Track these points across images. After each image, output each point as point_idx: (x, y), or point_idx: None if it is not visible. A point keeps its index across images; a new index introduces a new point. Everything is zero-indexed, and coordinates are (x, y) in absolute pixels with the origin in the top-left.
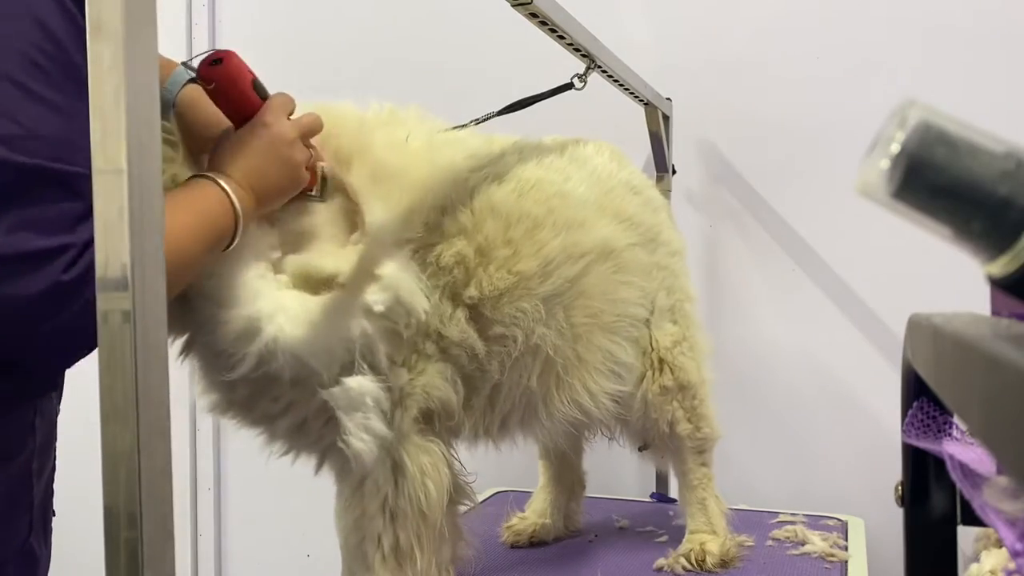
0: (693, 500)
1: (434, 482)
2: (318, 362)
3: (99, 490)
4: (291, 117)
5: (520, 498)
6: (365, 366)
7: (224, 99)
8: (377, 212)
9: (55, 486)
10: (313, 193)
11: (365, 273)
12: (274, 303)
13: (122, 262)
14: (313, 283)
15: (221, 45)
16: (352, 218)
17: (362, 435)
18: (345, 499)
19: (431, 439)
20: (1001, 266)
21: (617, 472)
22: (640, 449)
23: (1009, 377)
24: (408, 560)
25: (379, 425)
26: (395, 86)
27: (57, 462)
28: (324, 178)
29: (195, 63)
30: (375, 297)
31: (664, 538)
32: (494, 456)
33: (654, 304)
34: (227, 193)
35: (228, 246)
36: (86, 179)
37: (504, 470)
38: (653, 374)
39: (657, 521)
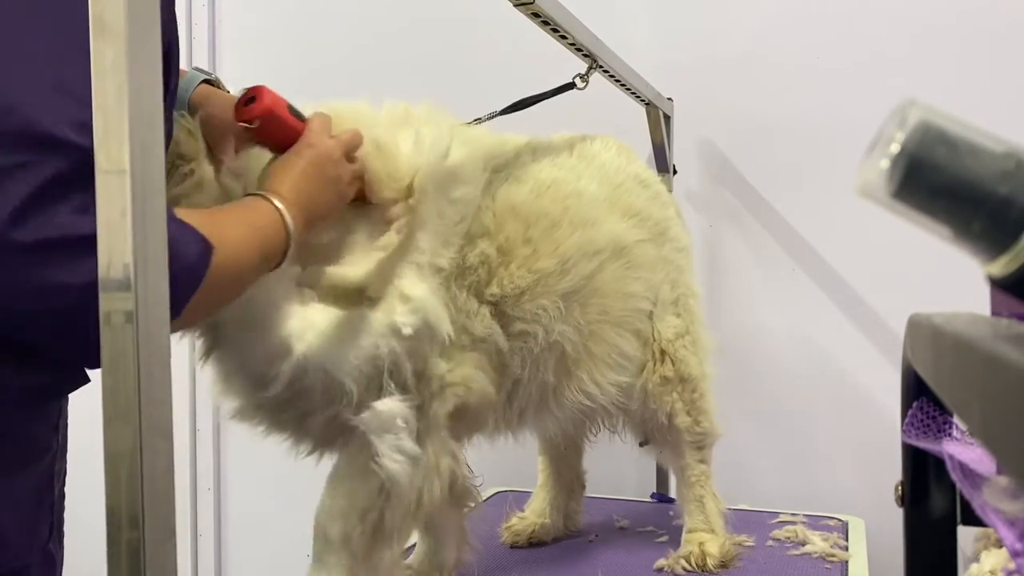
0: (691, 497)
1: (441, 482)
2: (347, 378)
3: (101, 490)
4: (331, 135)
5: (520, 498)
6: (392, 385)
7: (267, 134)
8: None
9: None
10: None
11: (394, 292)
12: (302, 321)
13: (124, 263)
14: (341, 294)
15: (221, 45)
16: (378, 222)
17: (395, 456)
18: (346, 461)
19: (455, 443)
20: (1001, 266)
21: (617, 472)
22: (641, 444)
23: (1009, 377)
24: (385, 543)
25: (411, 444)
26: (396, 86)
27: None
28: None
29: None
30: (404, 319)
31: (664, 538)
32: (494, 456)
33: (657, 296)
34: (279, 211)
35: (278, 264)
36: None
37: (504, 470)
38: (654, 364)
39: (657, 521)
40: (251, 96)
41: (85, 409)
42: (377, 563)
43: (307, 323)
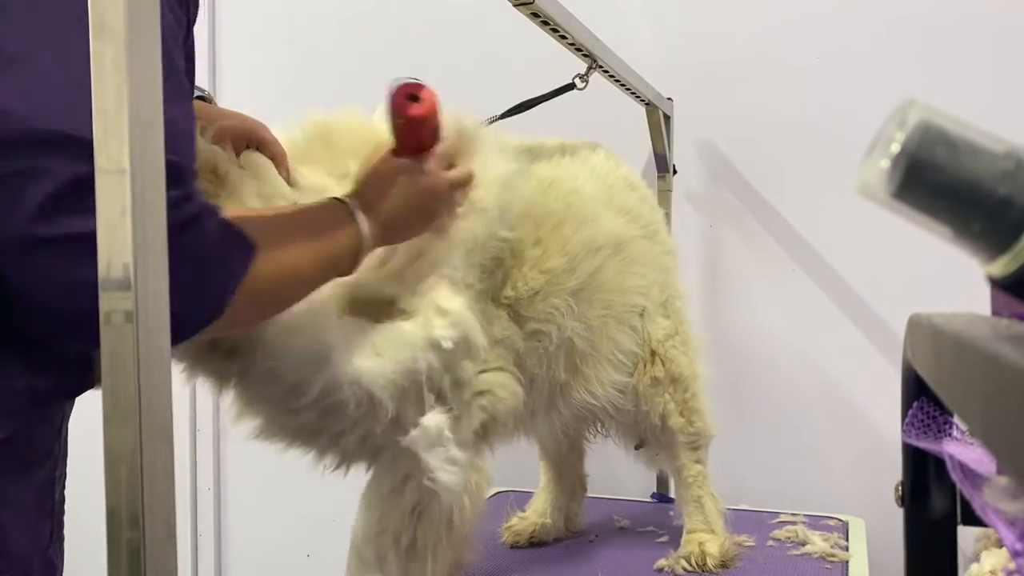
0: (689, 498)
1: (472, 500)
2: (384, 393)
3: (101, 490)
4: (454, 165)
5: (520, 498)
6: (433, 397)
7: (411, 135)
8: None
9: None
10: None
11: (430, 305)
12: (341, 333)
13: (124, 262)
14: (372, 306)
15: (221, 45)
16: None
17: (449, 467)
18: (384, 492)
19: (482, 458)
20: (1001, 266)
21: (617, 472)
22: (636, 447)
23: (1009, 377)
24: (419, 561)
25: (460, 453)
26: None
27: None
28: None
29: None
30: (444, 332)
31: (664, 538)
32: (494, 456)
33: (649, 295)
34: (356, 222)
35: (347, 272)
36: (188, 169)
37: (504, 470)
38: (645, 366)
39: (657, 521)
40: (413, 94)
41: (85, 409)
42: None
43: (345, 336)
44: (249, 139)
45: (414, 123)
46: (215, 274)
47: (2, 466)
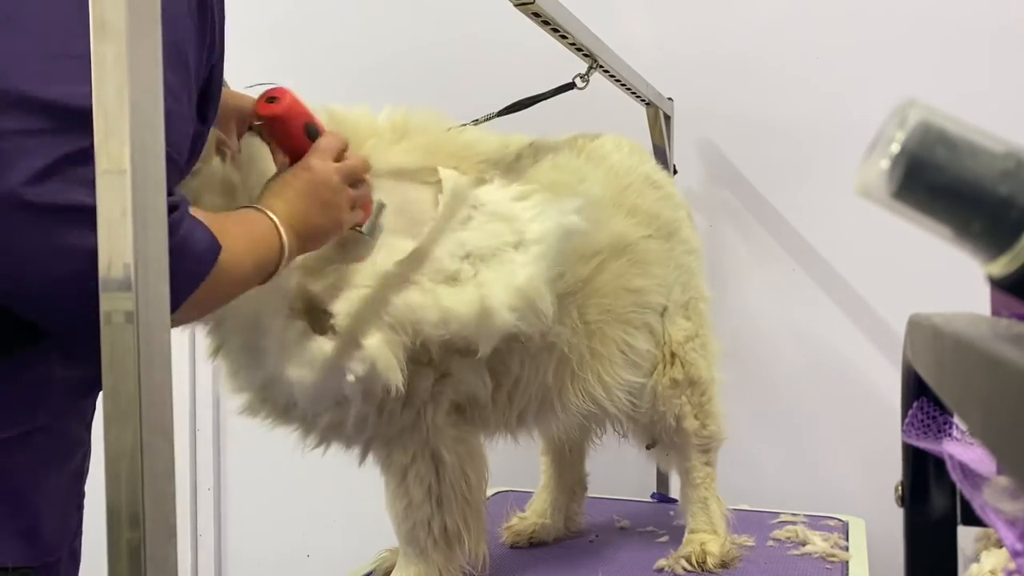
0: (695, 499)
1: (473, 469)
2: (305, 399)
3: (101, 490)
4: (341, 158)
5: (520, 498)
6: (352, 421)
7: (275, 136)
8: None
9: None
10: (362, 229)
11: (352, 334)
12: (278, 338)
13: (125, 263)
14: (315, 315)
15: None
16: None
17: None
18: (392, 490)
19: (466, 429)
20: (1001, 266)
21: (618, 472)
22: (648, 447)
23: (1009, 377)
24: (457, 542)
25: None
26: (396, 86)
27: None
28: (379, 214)
29: (254, 93)
30: (351, 365)
31: (665, 538)
32: (495, 456)
33: (670, 295)
34: (276, 226)
35: (269, 277)
36: (171, 159)
37: (504, 470)
38: (664, 367)
39: (658, 521)
40: (274, 96)
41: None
42: (458, 562)
43: (282, 340)
44: (251, 120)
45: (274, 122)
46: (188, 264)
47: (37, 455)
